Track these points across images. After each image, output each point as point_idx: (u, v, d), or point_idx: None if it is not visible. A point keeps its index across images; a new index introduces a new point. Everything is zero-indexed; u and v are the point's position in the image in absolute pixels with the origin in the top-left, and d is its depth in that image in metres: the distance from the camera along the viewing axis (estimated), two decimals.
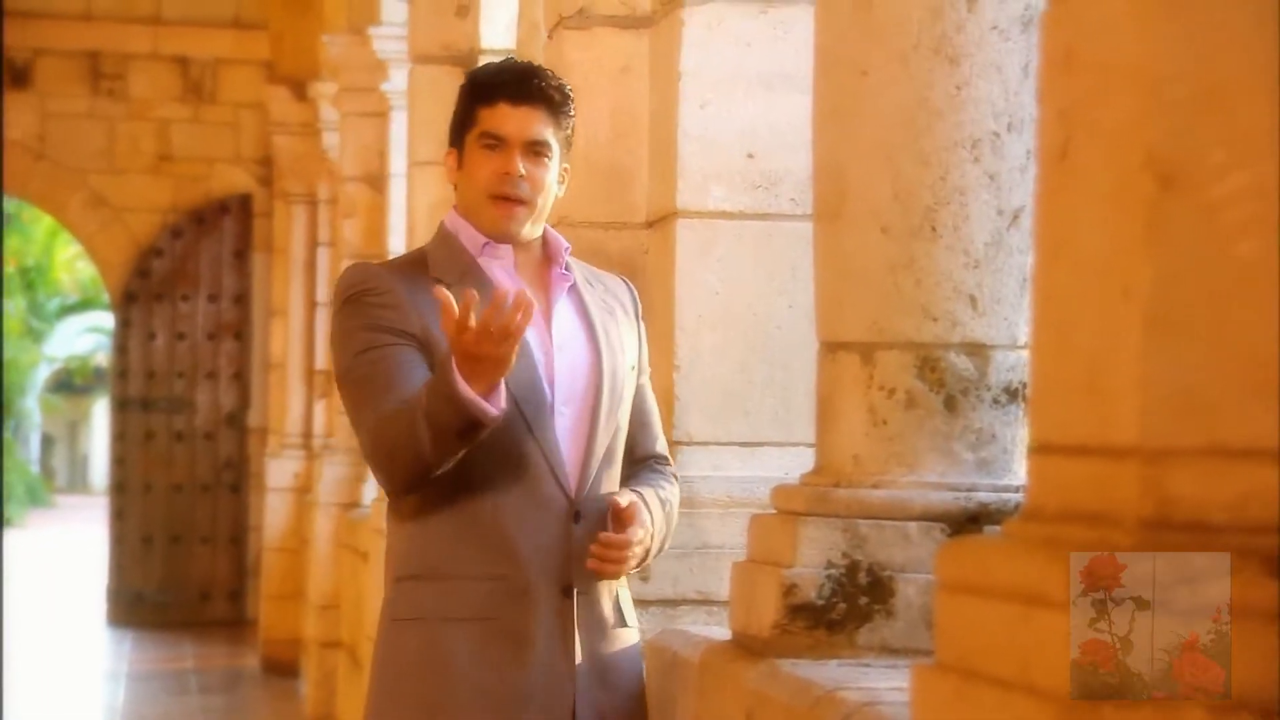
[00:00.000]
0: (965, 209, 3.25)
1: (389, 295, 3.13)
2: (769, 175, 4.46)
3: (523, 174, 3.16)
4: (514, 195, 3.16)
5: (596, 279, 3.35)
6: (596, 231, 4.87)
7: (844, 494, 3.27)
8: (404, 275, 3.18)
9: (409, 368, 3.08)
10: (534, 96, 3.20)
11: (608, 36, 4.85)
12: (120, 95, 14.61)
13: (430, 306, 3.10)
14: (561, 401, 3.18)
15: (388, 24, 9.37)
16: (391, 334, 3.10)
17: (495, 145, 3.17)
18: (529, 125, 3.18)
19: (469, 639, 3.11)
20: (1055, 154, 2.00)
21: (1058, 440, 2.00)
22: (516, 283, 3.19)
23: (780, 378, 4.48)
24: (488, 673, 3.11)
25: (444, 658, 3.12)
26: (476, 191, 3.19)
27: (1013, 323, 3.28)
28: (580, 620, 3.16)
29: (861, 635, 3.22)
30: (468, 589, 3.11)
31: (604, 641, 3.21)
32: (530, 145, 3.18)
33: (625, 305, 3.35)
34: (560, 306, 3.23)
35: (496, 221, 3.18)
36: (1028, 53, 3.24)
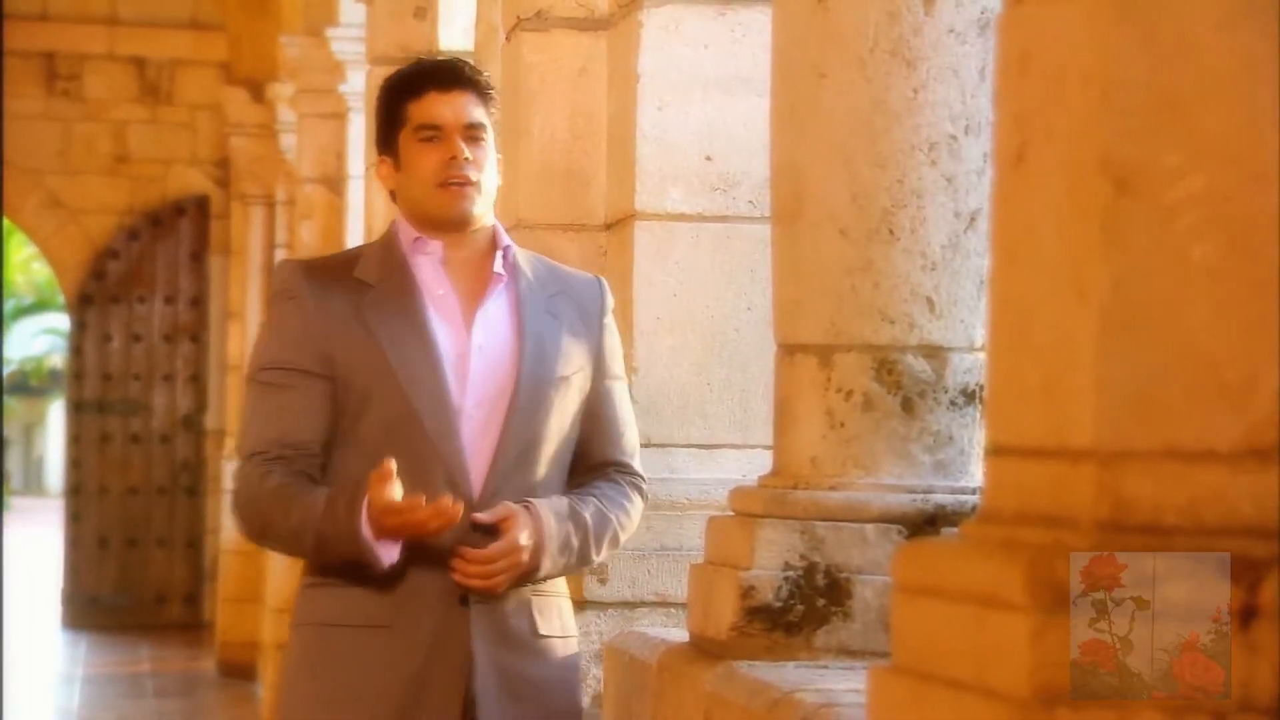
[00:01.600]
0: (923, 211, 3.26)
1: (299, 302, 3.13)
2: (727, 177, 4.46)
3: (467, 156, 3.14)
4: (462, 178, 3.14)
5: (557, 280, 3.28)
6: (554, 233, 4.87)
7: (802, 496, 3.28)
8: (324, 277, 3.16)
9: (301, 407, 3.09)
10: (461, 81, 3.20)
11: (565, 38, 4.85)
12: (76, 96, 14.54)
13: (338, 310, 3.10)
14: (473, 404, 3.12)
15: (345, 25, 9.35)
16: (295, 350, 3.11)
17: (434, 136, 3.15)
18: (463, 109, 3.17)
19: (362, 645, 3.08)
20: (1011, 157, 2.01)
21: (1014, 442, 2.00)
22: (441, 281, 3.16)
23: (738, 380, 4.48)
24: (377, 679, 3.08)
25: (336, 663, 3.10)
26: (422, 185, 3.15)
27: (970, 325, 3.29)
28: (480, 630, 3.09)
29: (819, 637, 3.23)
30: (362, 595, 3.09)
31: (513, 653, 3.13)
32: (468, 129, 3.16)
33: (586, 309, 3.27)
34: (488, 307, 3.17)
35: (449, 205, 3.14)
36: (984, 56, 3.25)
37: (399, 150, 3.20)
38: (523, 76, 4.88)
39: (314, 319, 3.11)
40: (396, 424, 3.08)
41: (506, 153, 5.16)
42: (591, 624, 4.43)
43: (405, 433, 3.08)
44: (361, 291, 3.13)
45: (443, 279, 3.16)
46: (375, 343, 3.09)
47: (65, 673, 12.26)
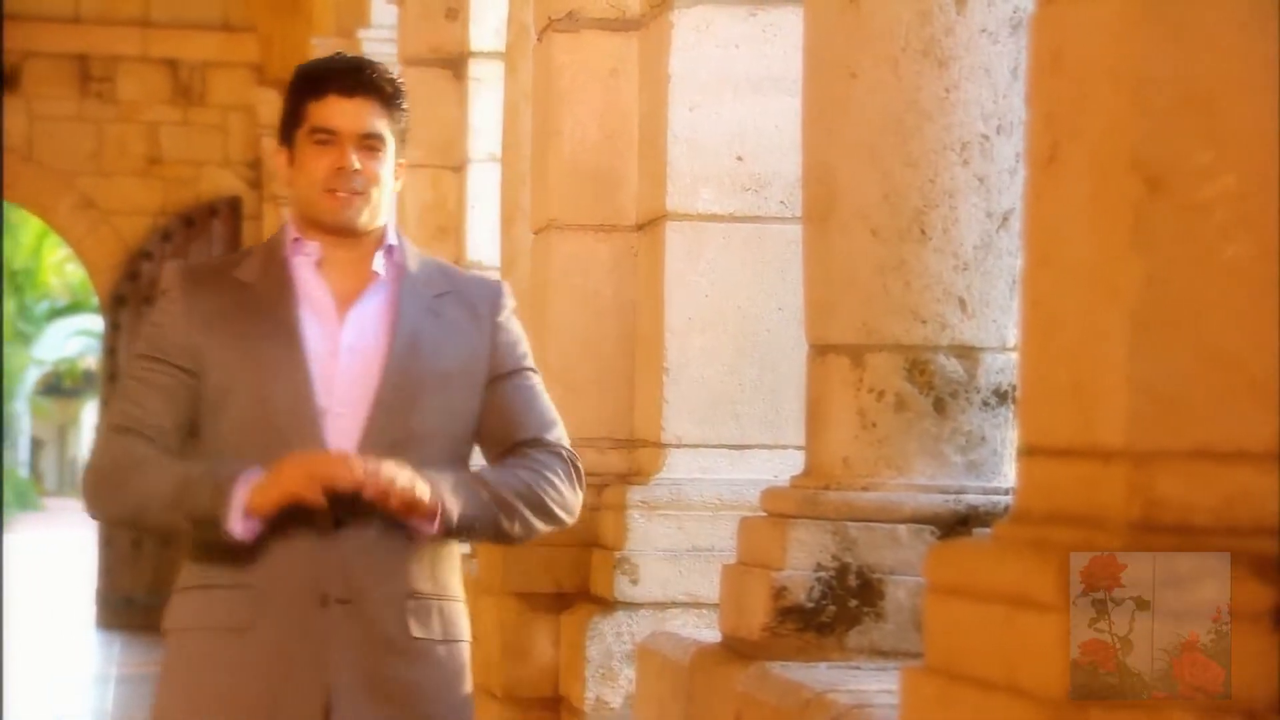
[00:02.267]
0: (955, 211, 3.25)
1: (173, 300, 3.13)
2: (758, 178, 4.46)
3: (357, 168, 3.08)
4: (349, 189, 3.08)
5: (448, 281, 3.20)
6: (585, 234, 4.87)
7: (833, 496, 3.27)
8: (203, 278, 3.16)
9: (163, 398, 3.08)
10: (364, 88, 3.12)
11: (597, 39, 4.85)
12: (109, 98, 14.59)
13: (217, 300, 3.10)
14: (340, 404, 3.07)
15: (377, 26, 9.37)
16: (163, 346, 3.11)
17: (327, 140, 3.09)
18: (361, 118, 3.10)
19: (218, 649, 3.06)
20: (1043, 157, 2.00)
21: (1046, 443, 2.00)
22: (318, 282, 3.12)
23: (769, 380, 4.48)
24: (231, 684, 3.05)
25: (193, 667, 3.09)
26: (309, 187, 3.10)
27: (1002, 325, 3.28)
28: (341, 631, 3.02)
29: (851, 638, 3.22)
30: (220, 598, 3.06)
31: (383, 655, 3.04)
32: (363, 138, 3.09)
33: (477, 308, 3.17)
34: (362, 306, 3.11)
35: (332, 211, 3.10)
36: (1017, 55, 3.24)
37: (296, 146, 3.14)
38: (554, 77, 4.89)
39: (184, 317, 3.10)
40: (254, 422, 3.05)
41: (537, 152, 5.17)
42: (623, 625, 4.44)
43: (262, 431, 3.05)
44: (239, 291, 3.11)
45: (318, 280, 3.12)
46: (243, 344, 3.06)
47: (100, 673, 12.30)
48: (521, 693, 4.83)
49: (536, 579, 4.82)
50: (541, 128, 5.06)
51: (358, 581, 3.04)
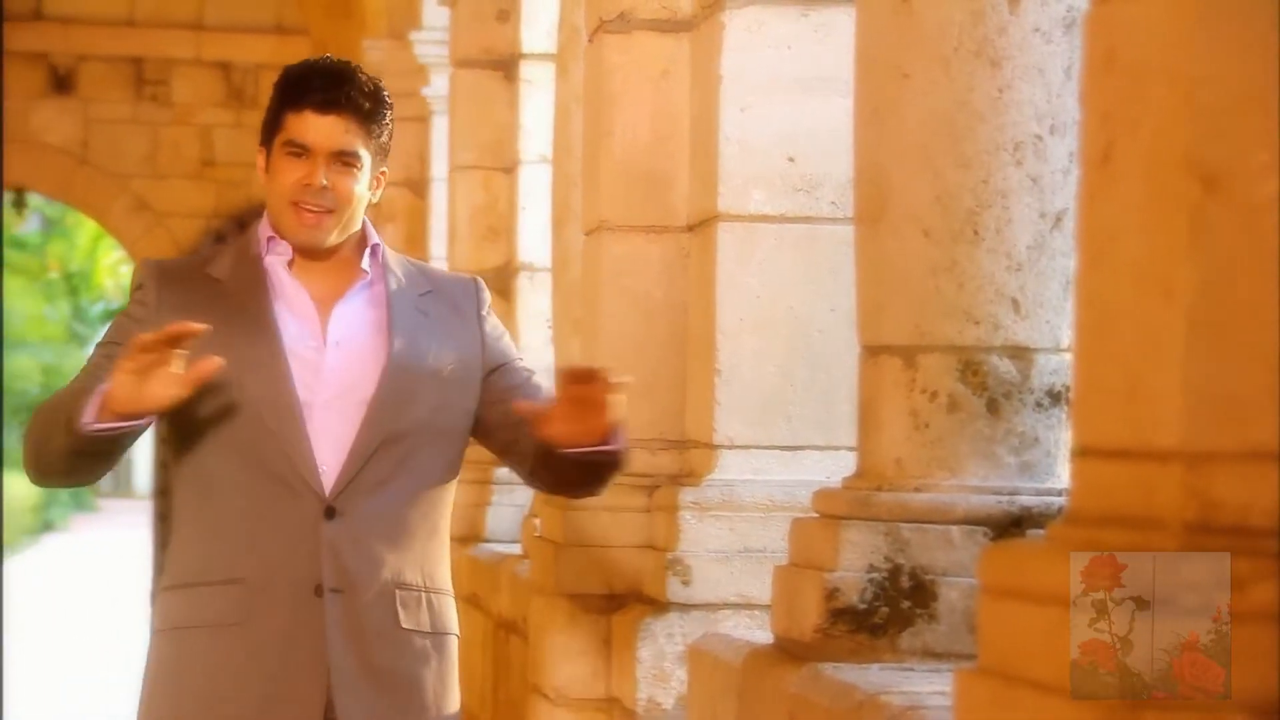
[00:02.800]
0: (1007, 212, 3.24)
1: (144, 296, 3.13)
2: (810, 178, 4.46)
3: (325, 185, 3.07)
4: (316, 205, 3.08)
5: (428, 280, 3.21)
6: (637, 235, 4.88)
7: (886, 498, 3.27)
8: (175, 274, 3.16)
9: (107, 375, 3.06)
10: (341, 106, 3.09)
11: (648, 40, 4.85)
12: (163, 101, 14.68)
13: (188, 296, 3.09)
14: (328, 397, 3.07)
15: (429, 29, 9.39)
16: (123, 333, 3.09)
17: (299, 154, 3.08)
18: (335, 136, 3.08)
19: (211, 646, 3.05)
20: (1098, 157, 1.99)
21: (1100, 443, 1.99)
22: (290, 280, 3.12)
23: (822, 381, 4.47)
24: (227, 680, 3.03)
25: (184, 667, 3.07)
26: (278, 196, 3.10)
27: (1055, 326, 3.27)
28: (336, 621, 3.02)
29: (904, 639, 3.22)
30: (210, 595, 3.05)
31: (374, 644, 3.05)
32: (335, 155, 3.08)
33: (460, 306, 3.19)
34: (347, 303, 3.11)
35: (296, 230, 3.10)
36: (1070, 55, 3.23)
37: (272, 152, 3.14)
38: (605, 78, 4.89)
39: (154, 311, 3.09)
40: (236, 417, 3.04)
41: (588, 154, 5.18)
42: (675, 626, 4.44)
43: (245, 425, 3.04)
44: (211, 287, 3.11)
45: (292, 278, 3.13)
46: (216, 336, 3.03)
47: None
48: (573, 693, 4.84)
49: (588, 580, 4.83)
50: (593, 129, 5.07)
51: (349, 571, 3.04)
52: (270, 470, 3.04)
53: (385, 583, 3.06)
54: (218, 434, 3.06)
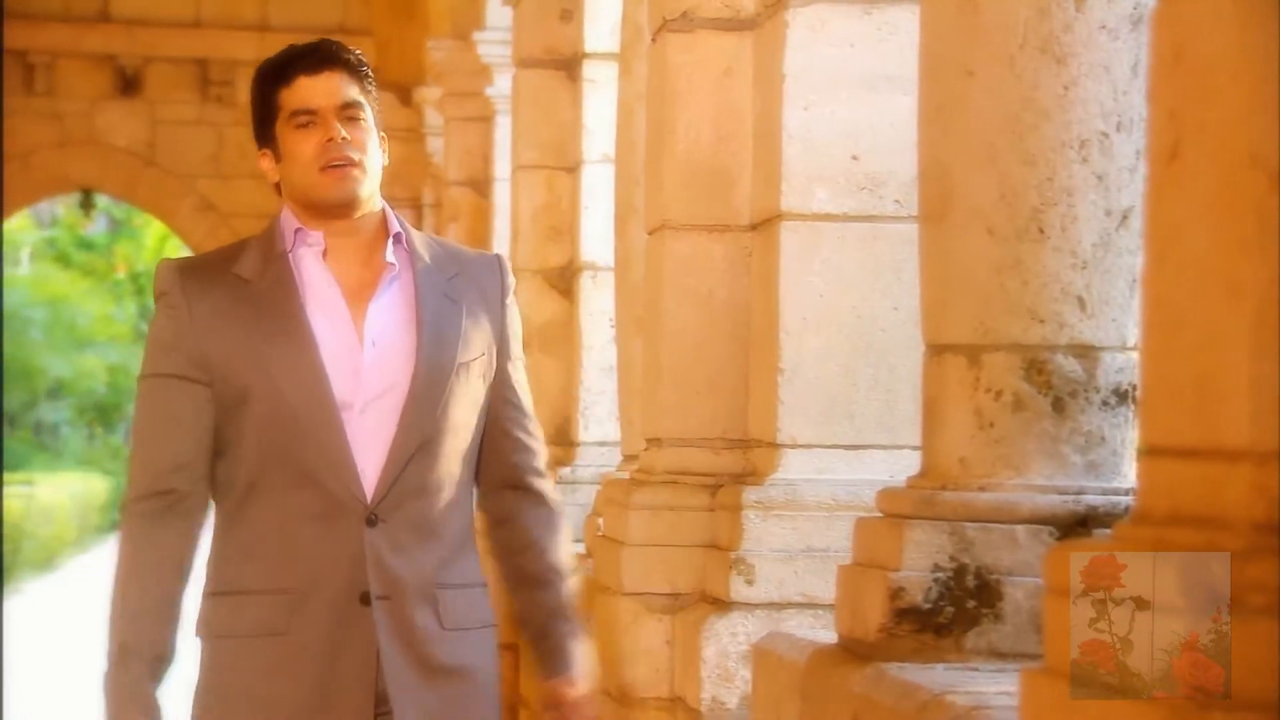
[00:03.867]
0: (1073, 210, 3.22)
1: (173, 303, 3.08)
2: (873, 177, 4.44)
3: (345, 136, 3.05)
4: (343, 159, 3.05)
5: (455, 261, 3.16)
6: (700, 234, 4.87)
7: (950, 497, 3.26)
8: (201, 276, 3.10)
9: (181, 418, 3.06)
10: (330, 61, 3.09)
11: (711, 39, 4.85)
12: (228, 102, 14.77)
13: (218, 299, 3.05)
14: (366, 400, 3.04)
15: (492, 29, 9.42)
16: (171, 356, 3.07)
17: (309, 121, 3.07)
18: (336, 89, 3.06)
19: (256, 655, 3.04)
20: (1165, 154, 1.98)
21: (1167, 443, 1.98)
22: (325, 275, 3.09)
23: (885, 380, 4.46)
24: (273, 689, 3.02)
25: (229, 675, 3.06)
26: (303, 171, 3.07)
27: (1121, 324, 3.25)
28: (388, 627, 3.02)
29: (969, 639, 3.21)
30: (254, 604, 3.04)
31: (427, 645, 3.05)
32: (343, 109, 3.07)
33: (487, 290, 3.15)
34: (378, 300, 3.07)
35: (333, 188, 3.06)
36: (1137, 51, 3.21)
37: (277, 140, 3.10)
38: (669, 77, 4.89)
39: (188, 321, 3.06)
40: (274, 423, 3.02)
41: (651, 153, 5.18)
42: (739, 625, 4.43)
43: (284, 432, 3.02)
44: (239, 288, 3.07)
45: (325, 272, 3.09)
46: (250, 340, 3.02)
47: None
48: (637, 693, 4.84)
49: (651, 579, 4.83)
50: (656, 128, 5.07)
51: (394, 577, 3.03)
52: (311, 478, 3.02)
53: (428, 584, 3.06)
54: (258, 441, 3.04)
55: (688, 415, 4.86)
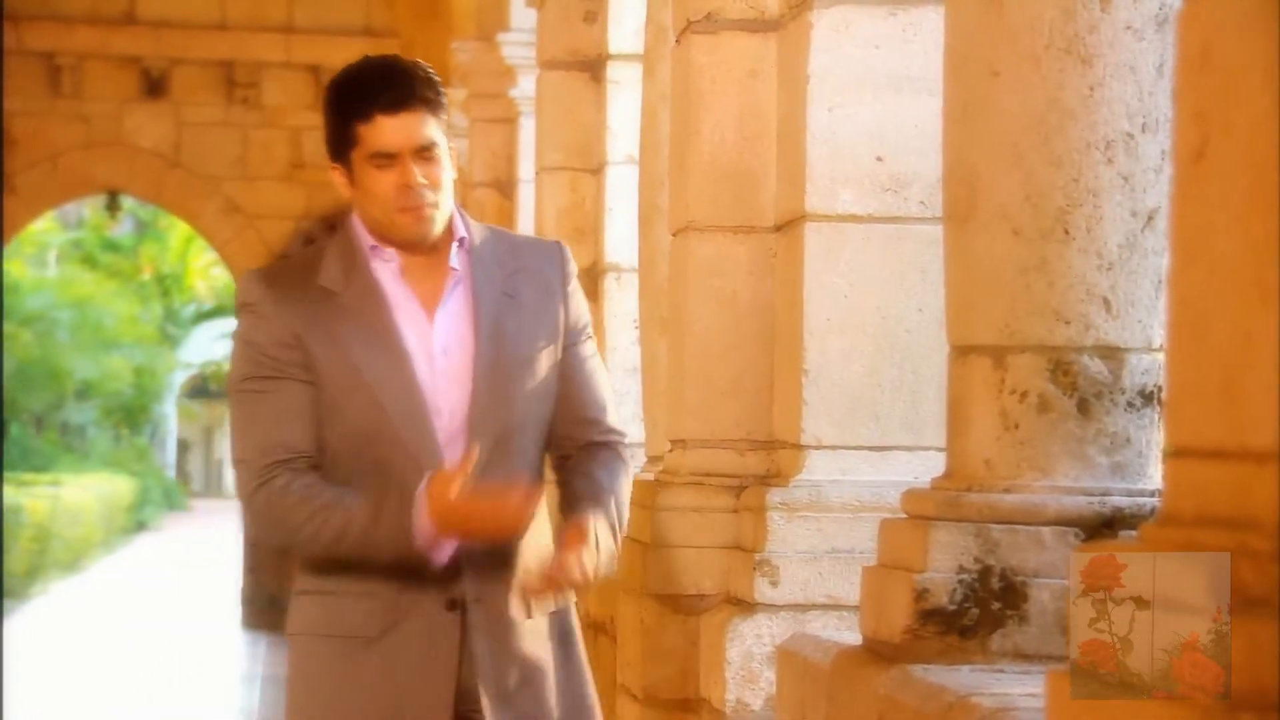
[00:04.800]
0: (1098, 210, 3.22)
1: (264, 312, 3.12)
2: (898, 178, 4.44)
3: (422, 182, 3.09)
4: (419, 204, 3.10)
5: (515, 256, 3.21)
6: (724, 235, 4.87)
7: (976, 498, 3.25)
8: (287, 286, 3.15)
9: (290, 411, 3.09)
10: (410, 101, 3.09)
11: (735, 40, 4.85)
12: (254, 104, 14.80)
13: (306, 315, 3.10)
14: (446, 410, 3.11)
15: (516, 30, 9.42)
16: (272, 365, 3.10)
17: (387, 163, 3.09)
18: (414, 132, 3.09)
19: (336, 654, 3.11)
20: (1191, 154, 1.97)
21: (1194, 444, 1.97)
22: (402, 288, 3.14)
23: (910, 381, 4.45)
24: (360, 689, 3.09)
25: (314, 671, 3.13)
26: (380, 208, 3.12)
27: (1147, 325, 3.24)
28: (482, 628, 3.10)
29: (994, 641, 3.20)
30: (346, 606, 3.11)
31: (516, 637, 3.13)
32: (419, 151, 3.10)
33: (549, 281, 3.20)
34: (446, 307, 3.14)
35: (408, 229, 3.12)
36: (1162, 52, 3.20)
37: (353, 168, 3.14)
38: (693, 78, 4.89)
39: (282, 328, 3.10)
40: (371, 435, 3.08)
41: (675, 154, 5.18)
42: (763, 627, 4.43)
43: (381, 444, 3.08)
44: (326, 299, 3.12)
45: (403, 286, 3.15)
46: (344, 354, 3.08)
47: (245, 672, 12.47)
48: (662, 694, 4.84)
49: (676, 581, 4.82)
50: (680, 129, 5.07)
51: (486, 580, 3.11)
52: (409, 486, 3.07)
53: (514, 578, 3.13)
54: (353, 451, 3.10)
55: (712, 416, 4.86)
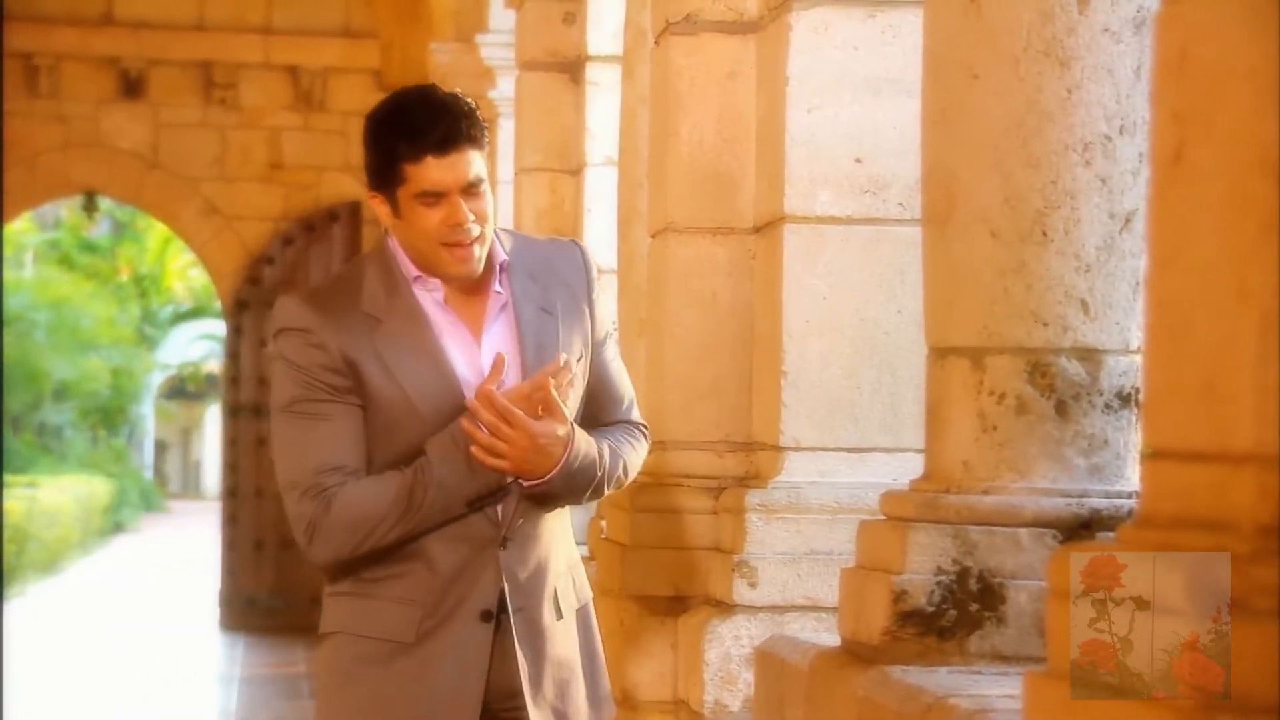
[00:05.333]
0: (1076, 213, 3.22)
1: (314, 336, 3.15)
2: (877, 180, 4.44)
3: (471, 218, 3.13)
4: (465, 241, 3.14)
5: (546, 268, 3.27)
6: (703, 236, 4.87)
7: (954, 500, 3.25)
8: (332, 310, 3.18)
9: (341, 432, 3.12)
10: (458, 141, 3.12)
11: (714, 42, 4.85)
12: (232, 104, 14.76)
13: (356, 342, 3.13)
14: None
15: (495, 31, 9.42)
16: (326, 389, 3.14)
17: (435, 201, 3.12)
18: (462, 171, 3.12)
19: (373, 655, 3.17)
20: (1169, 157, 1.98)
21: (1173, 446, 1.97)
22: (447, 315, 3.19)
23: (888, 383, 4.46)
24: (393, 692, 3.16)
25: (350, 670, 3.19)
26: (426, 242, 3.15)
27: (1125, 327, 3.25)
28: (523, 633, 3.17)
29: (972, 642, 3.20)
30: (383, 610, 3.16)
31: (549, 640, 3.21)
32: (467, 189, 3.13)
33: (576, 291, 3.27)
34: (492, 330, 3.21)
35: (454, 266, 3.16)
36: (1140, 55, 3.21)
37: (399, 204, 3.16)
38: (672, 80, 4.89)
39: (333, 351, 3.14)
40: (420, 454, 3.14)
41: (655, 155, 5.18)
42: (742, 628, 4.43)
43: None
44: (371, 326, 3.16)
45: (447, 312, 3.20)
46: (394, 380, 3.13)
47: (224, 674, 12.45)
48: (640, 695, 4.84)
49: (655, 582, 4.82)
50: (659, 131, 5.06)
51: (525, 590, 3.20)
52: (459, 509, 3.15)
53: (550, 585, 3.22)
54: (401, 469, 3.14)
55: (691, 418, 4.86)
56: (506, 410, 3.10)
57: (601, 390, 3.30)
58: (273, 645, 13.59)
